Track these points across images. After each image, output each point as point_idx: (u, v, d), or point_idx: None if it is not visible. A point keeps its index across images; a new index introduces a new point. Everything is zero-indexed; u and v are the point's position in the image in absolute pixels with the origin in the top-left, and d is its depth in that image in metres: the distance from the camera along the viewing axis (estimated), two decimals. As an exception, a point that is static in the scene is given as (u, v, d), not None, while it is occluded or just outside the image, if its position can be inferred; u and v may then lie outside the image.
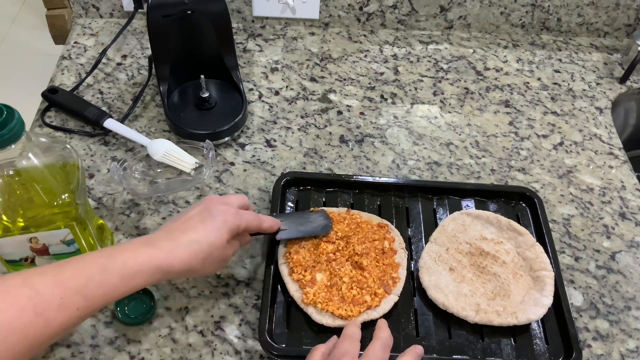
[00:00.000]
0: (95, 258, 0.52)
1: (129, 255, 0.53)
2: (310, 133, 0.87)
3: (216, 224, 0.58)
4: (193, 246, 0.56)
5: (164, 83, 0.85)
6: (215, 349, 0.64)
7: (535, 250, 0.70)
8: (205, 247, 0.56)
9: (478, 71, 0.99)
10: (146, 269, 0.53)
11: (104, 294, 0.51)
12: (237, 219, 0.59)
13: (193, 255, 0.56)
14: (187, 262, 0.55)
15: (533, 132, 0.90)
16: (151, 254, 0.53)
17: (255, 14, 1.02)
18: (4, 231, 0.57)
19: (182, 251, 0.55)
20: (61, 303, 0.48)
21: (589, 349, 0.67)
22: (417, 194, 0.77)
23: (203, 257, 0.56)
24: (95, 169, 0.80)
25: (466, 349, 0.64)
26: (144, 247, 0.54)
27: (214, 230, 0.57)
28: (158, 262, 0.53)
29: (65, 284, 0.49)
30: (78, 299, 0.49)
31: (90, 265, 0.51)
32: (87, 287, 0.49)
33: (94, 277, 0.50)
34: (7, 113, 0.51)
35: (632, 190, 0.83)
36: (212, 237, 0.57)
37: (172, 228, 0.58)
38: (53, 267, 0.50)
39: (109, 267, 0.51)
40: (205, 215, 0.58)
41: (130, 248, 0.54)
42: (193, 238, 0.56)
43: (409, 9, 1.02)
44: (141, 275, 0.52)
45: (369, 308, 0.64)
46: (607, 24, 1.05)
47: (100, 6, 1.01)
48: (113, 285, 0.51)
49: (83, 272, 0.50)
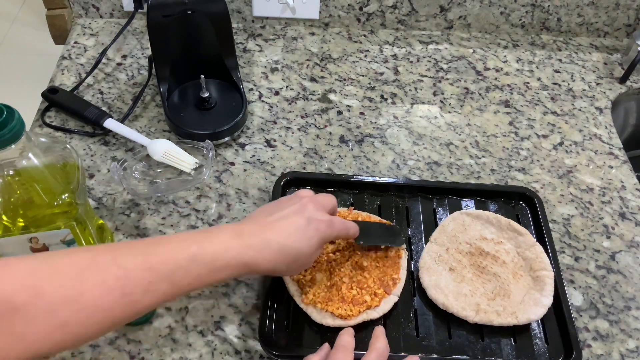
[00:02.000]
0: (187, 244, 0.51)
1: (220, 247, 0.52)
2: (310, 133, 0.87)
3: (309, 232, 0.57)
4: (282, 251, 0.55)
5: (164, 83, 0.85)
6: (215, 349, 0.64)
7: (535, 250, 0.70)
8: (293, 253, 0.56)
9: (478, 71, 0.99)
10: (235, 264, 0.53)
11: (190, 283, 0.51)
12: (329, 229, 0.59)
13: (280, 259, 0.55)
14: (273, 265, 0.55)
15: (533, 132, 0.90)
16: (241, 251, 0.53)
17: (255, 14, 1.02)
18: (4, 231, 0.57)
19: (271, 253, 0.55)
20: (148, 287, 0.48)
21: (589, 349, 0.67)
22: (417, 194, 0.77)
23: (289, 262, 0.56)
24: (95, 169, 0.80)
25: (466, 349, 0.64)
26: (235, 239, 0.53)
27: (305, 239, 0.56)
28: (247, 259, 0.53)
29: (155, 268, 0.49)
30: (165, 285, 0.49)
31: (180, 252, 0.50)
32: (175, 274, 0.49)
33: (183, 265, 0.50)
34: (7, 113, 0.51)
35: (632, 190, 0.83)
36: (302, 244, 0.56)
37: (263, 223, 0.57)
38: (143, 246, 0.50)
39: (198, 257, 0.51)
40: (300, 219, 0.57)
41: (222, 239, 0.53)
42: (284, 243, 0.55)
43: (409, 9, 1.02)
44: (229, 269, 0.52)
45: (368, 308, 0.64)
46: (607, 24, 1.05)
47: (100, 6, 1.01)
48: (200, 276, 0.51)
49: (172, 258, 0.50)
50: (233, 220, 0.76)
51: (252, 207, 0.77)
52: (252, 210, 0.77)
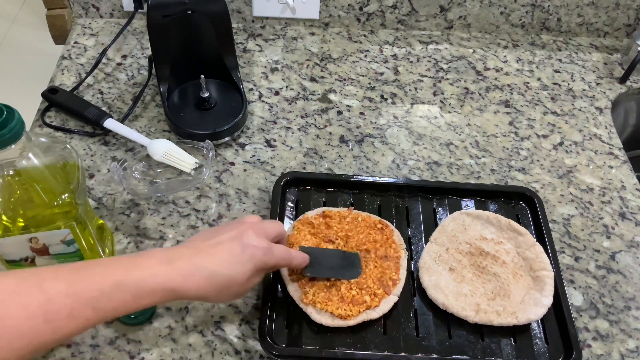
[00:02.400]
0: (112, 270, 0.50)
1: (146, 273, 0.51)
2: (310, 133, 0.87)
3: (243, 258, 0.55)
4: (212, 277, 0.54)
5: (164, 83, 0.85)
6: (215, 349, 0.64)
7: (535, 250, 0.70)
8: (223, 280, 0.55)
9: (478, 71, 0.99)
10: (160, 289, 0.51)
11: (114, 309, 0.50)
12: (266, 257, 0.57)
13: (210, 285, 0.54)
14: (202, 291, 0.54)
15: (533, 132, 0.90)
16: (168, 276, 0.52)
17: (255, 14, 1.02)
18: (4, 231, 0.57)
19: (200, 280, 0.53)
20: (71, 313, 0.47)
21: (589, 349, 0.67)
22: (417, 194, 0.77)
23: (219, 289, 0.55)
24: (95, 169, 0.80)
25: (466, 349, 0.64)
26: (163, 265, 0.52)
27: (238, 265, 0.55)
28: (174, 285, 0.52)
29: (78, 294, 0.48)
30: (88, 311, 0.48)
31: (105, 278, 0.49)
32: (99, 300, 0.49)
33: (107, 291, 0.49)
34: (7, 113, 0.51)
35: (632, 190, 0.83)
36: (234, 272, 0.55)
37: (198, 248, 0.55)
38: (68, 271, 0.49)
39: (123, 282, 0.50)
40: (235, 245, 0.56)
41: (149, 265, 0.52)
42: (214, 268, 0.54)
43: (409, 9, 1.02)
44: (154, 295, 0.51)
45: (368, 308, 0.64)
46: (607, 24, 1.05)
47: (100, 6, 1.01)
48: (125, 302, 0.50)
49: (97, 284, 0.49)
50: (233, 220, 0.76)
51: (252, 207, 0.77)
52: (252, 210, 0.77)
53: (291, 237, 0.70)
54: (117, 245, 0.73)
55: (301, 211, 0.75)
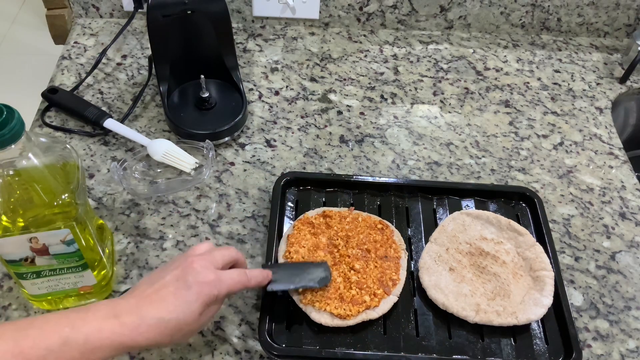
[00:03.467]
0: (59, 326, 0.49)
1: (92, 328, 0.50)
2: (310, 133, 0.87)
3: (189, 297, 0.54)
4: (160, 324, 0.52)
5: (164, 83, 0.85)
6: (215, 349, 0.64)
7: (535, 250, 0.70)
8: (172, 324, 0.53)
9: (478, 71, 0.99)
10: (109, 344, 0.50)
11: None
12: (214, 289, 0.55)
13: (159, 332, 0.52)
14: (153, 340, 0.52)
15: (533, 132, 0.90)
16: (115, 330, 0.50)
17: (255, 14, 1.02)
18: (4, 231, 0.57)
19: (148, 329, 0.52)
20: None
21: (589, 349, 0.67)
22: (417, 194, 0.77)
23: (170, 334, 0.53)
24: (95, 169, 0.80)
25: (466, 349, 0.64)
26: (109, 319, 0.51)
27: (185, 305, 0.53)
28: (122, 339, 0.51)
29: (24, 352, 0.47)
30: None
31: (52, 335, 0.48)
32: (46, 359, 0.47)
33: (54, 349, 0.48)
34: (7, 113, 0.51)
35: (632, 190, 0.83)
36: (181, 314, 0.53)
37: (142, 296, 0.54)
38: (14, 330, 0.48)
39: (70, 340, 0.49)
40: (180, 285, 0.54)
41: (95, 318, 0.51)
42: (160, 315, 0.52)
43: (409, 9, 1.02)
44: (103, 350, 0.50)
45: (368, 308, 0.64)
46: (607, 24, 1.05)
47: (100, 6, 1.01)
48: (73, 359, 0.49)
49: (44, 342, 0.48)
50: (233, 220, 0.76)
51: (252, 207, 0.77)
52: (252, 210, 0.77)
53: (291, 237, 0.70)
54: (117, 245, 0.73)
55: (301, 211, 0.75)
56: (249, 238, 0.74)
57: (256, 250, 0.73)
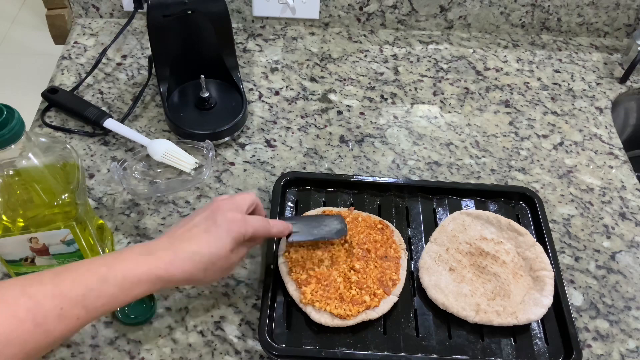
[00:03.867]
0: (95, 267, 0.51)
1: (129, 265, 0.52)
2: (310, 133, 0.87)
3: (219, 233, 0.56)
4: (194, 257, 0.55)
5: (164, 83, 0.85)
6: (215, 349, 0.64)
7: (535, 250, 0.70)
8: (206, 258, 0.55)
9: (478, 71, 0.99)
10: (146, 278, 0.52)
11: (104, 304, 0.50)
12: (242, 228, 0.58)
13: (194, 266, 0.55)
14: (188, 273, 0.54)
15: (533, 132, 0.90)
16: (151, 264, 0.52)
17: (255, 14, 1.02)
18: (4, 231, 0.57)
19: (183, 262, 0.54)
20: (61, 314, 0.47)
21: (589, 349, 0.67)
22: (417, 194, 0.77)
23: (204, 268, 0.55)
24: (95, 169, 0.80)
25: (466, 349, 0.64)
26: (144, 256, 0.53)
27: (217, 240, 0.56)
28: (159, 272, 0.53)
29: (65, 294, 0.48)
30: (78, 309, 0.48)
31: (90, 275, 0.50)
32: (87, 297, 0.49)
33: (94, 287, 0.49)
34: (7, 113, 0.51)
35: (632, 190, 0.83)
36: (214, 247, 0.56)
37: (174, 236, 0.56)
38: (52, 274, 0.49)
39: (108, 277, 0.50)
40: (210, 223, 0.57)
41: (131, 257, 0.53)
42: (194, 249, 0.55)
43: (409, 9, 1.02)
44: (141, 285, 0.52)
45: (367, 308, 0.64)
46: (607, 24, 1.05)
47: (100, 6, 1.01)
48: (113, 296, 0.50)
49: (82, 282, 0.49)
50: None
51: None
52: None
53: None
54: (117, 245, 0.73)
55: (301, 211, 0.75)
56: (249, 238, 0.74)
57: (256, 250, 0.73)
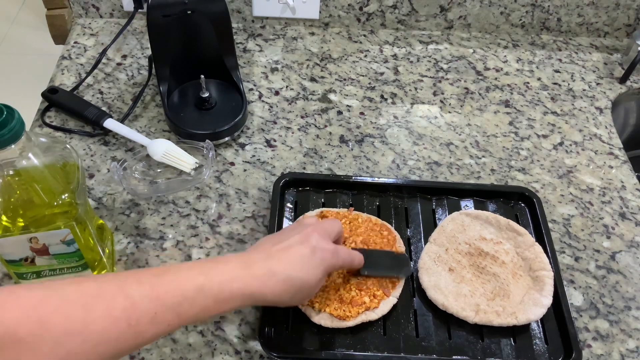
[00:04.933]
0: (193, 274, 0.51)
1: (226, 277, 0.52)
2: (310, 133, 0.87)
3: (314, 262, 0.56)
4: (287, 282, 0.55)
5: (164, 83, 0.85)
6: (215, 349, 0.64)
7: (534, 250, 0.70)
8: (298, 283, 0.55)
9: (478, 71, 0.99)
10: (240, 295, 0.52)
11: (196, 314, 0.50)
12: (334, 259, 0.58)
13: (285, 289, 0.55)
14: (278, 295, 0.54)
15: (533, 132, 0.90)
16: (247, 282, 0.52)
17: (255, 14, 1.02)
18: (4, 231, 0.57)
19: (276, 284, 0.54)
20: (154, 318, 0.47)
21: (589, 349, 0.67)
22: (416, 195, 0.77)
23: (294, 292, 0.56)
24: (95, 169, 0.80)
25: (466, 349, 0.64)
26: (241, 270, 0.53)
27: (310, 269, 0.56)
28: (253, 290, 0.53)
29: (162, 298, 0.48)
30: (171, 315, 0.48)
31: (188, 282, 0.50)
32: (182, 305, 0.49)
33: (190, 296, 0.49)
34: (7, 113, 0.51)
35: (632, 190, 0.83)
36: (308, 275, 0.56)
37: (269, 253, 0.56)
38: (150, 275, 0.50)
39: (205, 287, 0.50)
40: (305, 249, 0.56)
41: (229, 269, 0.53)
42: (289, 273, 0.55)
43: (409, 9, 1.02)
44: (234, 300, 0.52)
45: (367, 309, 0.64)
46: (607, 24, 1.05)
47: (100, 6, 1.01)
48: (206, 307, 0.50)
49: (180, 289, 0.49)
50: (233, 220, 0.76)
51: (252, 207, 0.77)
52: (252, 210, 0.77)
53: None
54: (117, 245, 0.73)
55: (300, 212, 0.75)
56: (249, 238, 0.74)
57: (256, 251, 0.73)
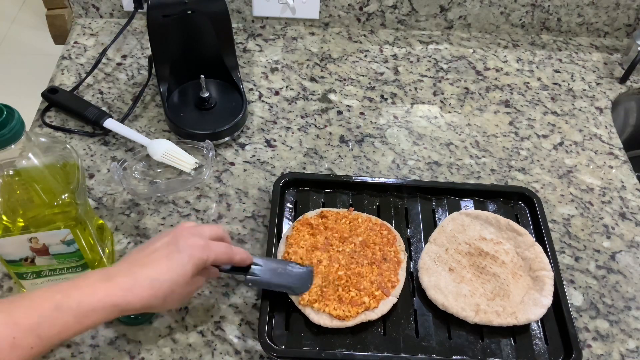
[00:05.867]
0: (50, 294, 0.49)
1: (85, 292, 0.50)
2: (310, 133, 0.87)
3: (181, 259, 0.55)
4: (154, 284, 0.53)
5: (164, 83, 0.85)
6: (215, 349, 0.64)
7: (534, 250, 0.70)
8: (166, 285, 0.54)
9: (478, 71, 0.99)
10: (102, 306, 0.50)
11: (58, 333, 0.49)
12: (204, 253, 0.57)
13: (152, 293, 0.53)
14: (146, 301, 0.53)
15: (533, 132, 0.90)
16: (108, 292, 0.51)
17: (255, 14, 1.02)
18: (4, 231, 0.57)
19: (142, 290, 0.52)
20: (14, 343, 0.46)
21: (589, 349, 0.67)
22: (416, 195, 0.77)
23: (163, 296, 0.54)
24: (95, 169, 0.80)
25: (466, 349, 0.64)
26: (101, 282, 0.51)
27: (177, 267, 0.54)
28: (115, 300, 0.51)
29: (18, 322, 0.47)
30: (31, 338, 0.47)
31: (44, 303, 0.49)
32: (41, 326, 0.48)
33: (47, 315, 0.48)
34: (7, 113, 0.51)
35: (632, 190, 0.83)
36: (174, 274, 0.54)
37: (134, 261, 0.55)
38: (5, 303, 0.48)
39: (63, 305, 0.49)
40: (172, 249, 0.55)
41: (87, 284, 0.51)
42: (154, 276, 0.53)
43: (409, 9, 1.02)
44: (97, 313, 0.50)
45: (367, 309, 0.64)
46: (607, 24, 1.05)
47: (100, 6, 1.01)
48: (67, 324, 0.49)
49: (36, 311, 0.48)
50: (233, 220, 0.76)
51: (252, 207, 0.77)
52: (252, 210, 0.77)
53: (290, 238, 0.70)
54: (117, 245, 0.73)
55: (300, 212, 0.75)
56: (249, 238, 0.74)
57: (256, 250, 0.73)
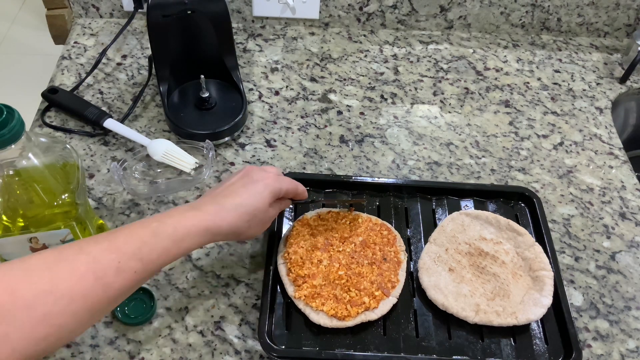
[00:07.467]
0: (146, 223, 0.54)
1: (177, 219, 0.55)
2: (310, 133, 0.87)
3: (258, 187, 0.61)
4: (238, 209, 0.58)
5: (164, 83, 0.85)
6: (215, 349, 0.64)
7: (534, 250, 0.70)
8: (249, 210, 0.59)
9: (478, 71, 0.99)
10: (196, 231, 0.55)
11: (159, 257, 0.53)
12: (277, 183, 0.62)
13: (238, 217, 0.58)
14: (233, 224, 0.58)
15: (533, 132, 0.90)
16: (199, 217, 0.56)
17: (255, 14, 1.02)
18: (4, 231, 0.57)
19: (228, 214, 0.58)
20: (119, 267, 0.49)
21: (589, 349, 0.67)
22: (416, 195, 0.77)
23: (248, 219, 0.59)
24: (95, 169, 0.80)
25: (466, 349, 0.64)
26: (191, 211, 0.56)
27: (256, 194, 0.60)
28: (206, 224, 0.56)
29: (121, 248, 0.50)
30: (135, 262, 0.51)
31: (143, 230, 0.53)
32: (142, 250, 0.51)
33: (147, 241, 0.52)
34: (7, 113, 0.51)
35: (632, 190, 0.83)
36: (255, 200, 0.60)
37: (215, 194, 0.60)
38: (106, 234, 0.52)
39: (160, 231, 0.53)
40: (247, 180, 0.61)
41: (179, 212, 0.56)
42: (237, 202, 0.59)
43: (409, 9, 1.02)
44: (191, 237, 0.55)
45: (367, 309, 0.64)
46: (607, 24, 1.05)
47: (100, 6, 1.01)
48: (166, 248, 0.53)
49: (136, 237, 0.52)
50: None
51: (252, 207, 0.77)
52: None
53: (290, 238, 0.70)
54: (117, 245, 0.73)
55: (300, 212, 0.75)
56: (248, 238, 0.74)
57: (256, 250, 0.73)
